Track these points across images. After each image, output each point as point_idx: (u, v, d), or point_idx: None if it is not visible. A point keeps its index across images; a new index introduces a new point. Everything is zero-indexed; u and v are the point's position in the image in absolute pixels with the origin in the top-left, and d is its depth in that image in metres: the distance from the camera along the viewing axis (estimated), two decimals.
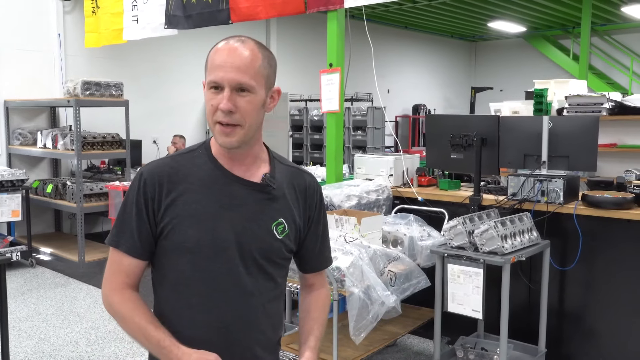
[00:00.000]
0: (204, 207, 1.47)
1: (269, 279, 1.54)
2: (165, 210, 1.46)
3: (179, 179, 1.48)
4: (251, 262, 1.50)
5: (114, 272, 1.50)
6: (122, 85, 6.52)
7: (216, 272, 1.47)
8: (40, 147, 6.69)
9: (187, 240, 1.46)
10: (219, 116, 1.43)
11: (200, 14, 5.35)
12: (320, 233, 1.66)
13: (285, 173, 1.59)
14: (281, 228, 1.53)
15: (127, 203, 1.49)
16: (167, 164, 1.51)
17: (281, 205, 1.54)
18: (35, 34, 7.15)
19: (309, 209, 1.61)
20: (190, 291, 1.48)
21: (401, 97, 13.27)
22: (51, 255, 6.61)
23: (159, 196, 1.47)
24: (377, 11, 11.24)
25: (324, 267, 1.70)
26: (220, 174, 1.50)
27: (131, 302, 1.47)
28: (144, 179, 1.48)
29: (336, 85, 4.39)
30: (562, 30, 13.83)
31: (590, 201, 3.41)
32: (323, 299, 1.71)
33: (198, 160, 1.52)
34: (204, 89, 1.48)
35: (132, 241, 1.47)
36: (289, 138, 9.42)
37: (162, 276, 1.52)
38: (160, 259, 1.51)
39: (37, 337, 4.33)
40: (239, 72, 1.42)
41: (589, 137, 3.48)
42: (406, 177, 4.31)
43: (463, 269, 3.08)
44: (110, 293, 1.49)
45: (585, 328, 3.57)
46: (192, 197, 1.47)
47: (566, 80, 6.12)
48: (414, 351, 4.04)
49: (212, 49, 1.48)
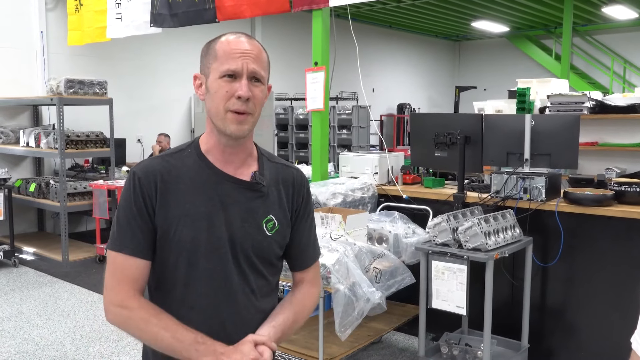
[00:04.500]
0: (197, 207, 1.46)
1: (261, 276, 1.54)
2: (160, 209, 1.45)
3: (170, 178, 1.48)
4: (244, 260, 1.50)
5: (119, 280, 1.44)
6: (106, 83, 6.48)
7: (211, 270, 1.47)
8: (23, 146, 6.63)
9: (182, 239, 1.45)
10: (234, 104, 1.44)
11: (186, 13, 5.35)
12: (307, 228, 1.66)
13: (274, 170, 1.60)
14: (271, 225, 1.54)
15: (124, 205, 1.46)
16: (158, 164, 1.50)
17: (271, 202, 1.55)
18: (17, 31, 7.08)
19: (296, 203, 1.62)
20: (186, 290, 1.48)
21: (386, 96, 13.33)
22: (34, 254, 6.55)
23: (155, 194, 1.46)
24: (362, 10, 11.27)
25: (311, 263, 1.69)
26: (211, 172, 1.50)
27: (150, 306, 1.44)
28: (138, 177, 1.46)
29: (321, 83, 4.42)
30: (544, 30, 13.99)
31: (572, 198, 3.47)
32: (305, 297, 1.64)
33: (188, 160, 1.51)
34: (205, 81, 1.48)
35: (137, 241, 1.44)
36: (274, 137, 9.42)
37: (158, 276, 1.51)
38: (157, 259, 1.49)
39: (20, 337, 4.30)
40: (256, 62, 1.46)
41: (570, 136, 3.54)
42: (391, 175, 4.34)
43: (447, 265, 3.12)
44: (123, 302, 1.42)
45: (567, 323, 3.63)
46: (185, 197, 1.47)
47: (548, 80, 6.20)
48: (399, 348, 4.07)
49: (216, 42, 1.48)
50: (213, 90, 1.46)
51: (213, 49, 1.48)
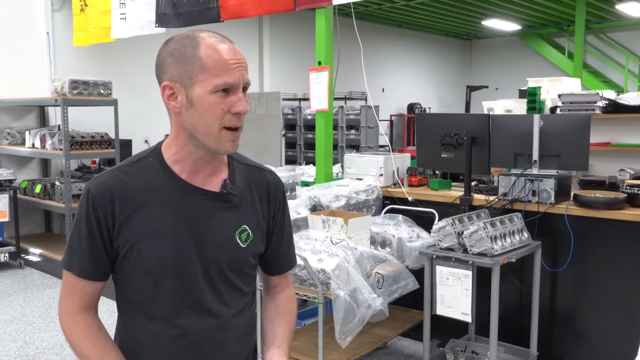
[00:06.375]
0: (162, 223, 1.36)
1: (235, 289, 1.46)
2: (120, 228, 1.35)
3: (131, 192, 1.36)
4: (216, 275, 1.41)
5: (67, 294, 1.41)
6: (110, 84, 6.44)
7: (180, 289, 1.38)
8: (29, 147, 6.61)
9: (148, 259, 1.35)
10: (230, 121, 1.32)
11: (191, 12, 5.31)
12: (285, 233, 1.58)
13: (246, 173, 1.49)
14: (245, 235, 1.44)
15: (77, 223, 1.37)
16: (115, 177, 1.38)
17: (243, 211, 1.45)
18: (23, 33, 7.06)
19: (273, 209, 1.53)
20: (154, 310, 1.40)
21: (396, 96, 13.22)
22: (40, 256, 6.52)
23: (112, 213, 1.35)
24: (371, 9, 11.18)
25: (289, 267, 1.62)
26: (175, 184, 1.38)
27: (85, 326, 1.40)
28: (92, 196, 1.35)
29: (325, 83, 4.33)
30: (557, 28, 13.80)
31: (582, 201, 3.36)
32: (289, 301, 1.61)
33: (149, 170, 1.39)
34: (183, 92, 1.32)
35: (84, 263, 1.37)
36: (282, 137, 9.34)
37: (125, 296, 1.44)
38: (121, 278, 1.41)
39: (21, 339, 4.26)
40: (246, 71, 1.35)
41: (581, 136, 3.42)
42: (396, 176, 4.25)
43: (452, 270, 3.02)
44: (64, 319, 1.41)
45: (577, 330, 3.51)
46: (148, 212, 1.36)
47: (559, 79, 6.07)
48: (405, 354, 3.98)
49: (196, 47, 1.31)
50: (203, 105, 1.31)
51: (196, 57, 1.31)
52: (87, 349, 1.37)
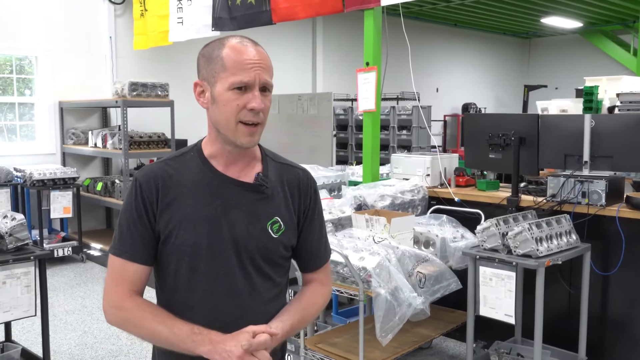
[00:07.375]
0: (199, 211, 1.47)
1: (267, 278, 1.53)
2: (161, 214, 1.47)
3: (172, 182, 1.49)
4: (248, 262, 1.49)
5: (117, 283, 1.47)
6: (167, 85, 6.67)
7: (214, 274, 1.47)
8: (92, 147, 6.94)
9: (183, 244, 1.46)
10: (246, 115, 1.44)
11: (244, 16, 5.44)
12: (317, 229, 1.63)
13: (278, 170, 1.58)
14: (277, 227, 1.52)
15: (126, 210, 1.48)
16: (160, 168, 1.51)
17: (276, 204, 1.54)
18: (88, 37, 7.41)
19: (303, 205, 1.59)
20: (189, 294, 1.49)
21: (451, 96, 13.03)
22: (101, 250, 6.83)
23: (156, 199, 1.47)
24: (425, 9, 11.08)
25: (322, 264, 1.66)
26: (213, 176, 1.50)
27: (146, 304, 1.47)
28: (140, 184, 1.48)
29: (372, 84, 4.36)
30: (622, 25, 13.24)
31: (634, 203, 3.25)
32: (316, 294, 1.63)
33: (190, 163, 1.52)
34: (209, 89, 1.47)
35: (136, 247, 1.47)
36: (333, 137, 9.39)
37: (161, 279, 1.53)
38: (159, 262, 1.51)
39: (81, 329, 4.49)
40: (266, 72, 1.45)
41: (635, 137, 3.32)
42: (443, 177, 4.23)
43: (495, 271, 3.00)
44: (118, 302, 1.45)
45: (629, 335, 3.41)
46: (186, 200, 1.47)
47: (619, 77, 5.84)
48: (449, 354, 3.96)
49: (220, 49, 1.46)
50: (222, 101, 1.45)
51: (219, 57, 1.45)
52: (158, 314, 1.43)
